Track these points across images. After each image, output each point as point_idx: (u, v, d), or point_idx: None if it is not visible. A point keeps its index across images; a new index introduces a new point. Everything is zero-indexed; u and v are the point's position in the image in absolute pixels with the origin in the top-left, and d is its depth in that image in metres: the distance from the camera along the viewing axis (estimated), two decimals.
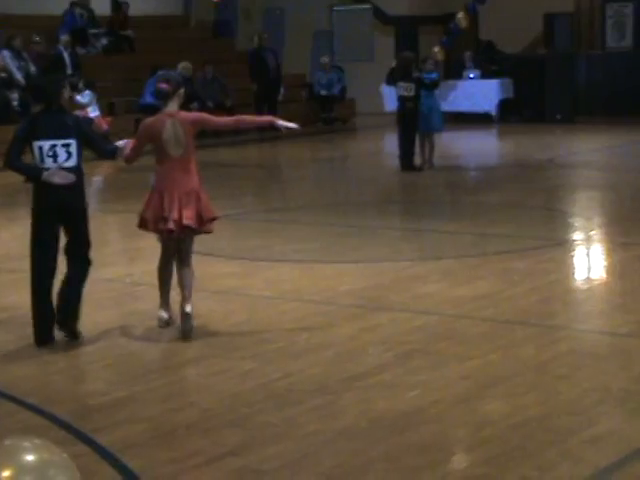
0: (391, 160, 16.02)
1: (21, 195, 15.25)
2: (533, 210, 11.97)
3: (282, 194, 14.63)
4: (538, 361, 6.08)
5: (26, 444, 2.90)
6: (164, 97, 6.85)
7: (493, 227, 10.71)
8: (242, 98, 21.81)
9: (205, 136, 20.13)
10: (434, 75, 15.77)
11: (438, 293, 7.83)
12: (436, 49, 22.80)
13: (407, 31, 25.04)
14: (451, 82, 23.06)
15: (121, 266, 9.41)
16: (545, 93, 22.36)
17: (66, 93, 6.73)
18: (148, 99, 21.26)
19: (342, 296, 7.80)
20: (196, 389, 5.92)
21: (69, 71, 20.87)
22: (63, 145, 6.51)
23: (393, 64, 16.28)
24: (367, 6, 25.92)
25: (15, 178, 16.64)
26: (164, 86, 6.84)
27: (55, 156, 6.50)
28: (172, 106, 6.84)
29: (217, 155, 18.38)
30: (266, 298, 7.82)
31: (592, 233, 10.49)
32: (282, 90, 22.42)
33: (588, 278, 8.67)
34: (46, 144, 6.49)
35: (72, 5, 22.58)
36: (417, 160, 15.45)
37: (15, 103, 19.38)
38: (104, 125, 20.25)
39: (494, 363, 6.07)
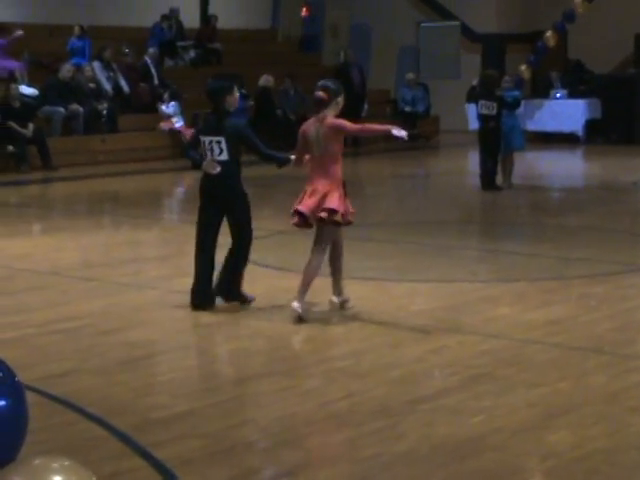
0: (473, 179, 15.85)
1: (107, 203, 15.50)
2: (616, 234, 11.70)
3: (360, 210, 14.31)
4: (609, 391, 5.89)
5: (54, 465, 2.86)
6: (319, 104, 7.39)
7: (573, 250, 10.49)
8: None
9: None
10: (516, 93, 15.56)
11: (510, 316, 7.67)
12: (523, 67, 22.59)
13: (494, 49, 24.83)
14: (537, 101, 22.79)
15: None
16: (634, 114, 21.94)
17: (230, 99, 7.68)
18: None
19: (412, 316, 7.69)
20: (257, 406, 5.87)
21: (155, 82, 21.16)
22: (217, 142, 7.63)
23: (474, 82, 16.13)
24: (455, 23, 25.77)
25: (105, 187, 16.94)
26: (320, 94, 7.38)
27: (212, 150, 7.66)
28: (327, 112, 7.36)
29: (299, 169, 18.38)
30: (335, 315, 7.74)
31: None
32: (365, 106, 22.38)
33: None
34: (207, 139, 7.68)
35: (162, 18, 22.88)
36: (499, 180, 15.27)
37: (104, 113, 19.69)
38: (188, 136, 20.46)
39: (562, 391, 5.90)
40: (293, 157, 7.81)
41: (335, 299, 7.78)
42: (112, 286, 8.88)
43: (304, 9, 26.27)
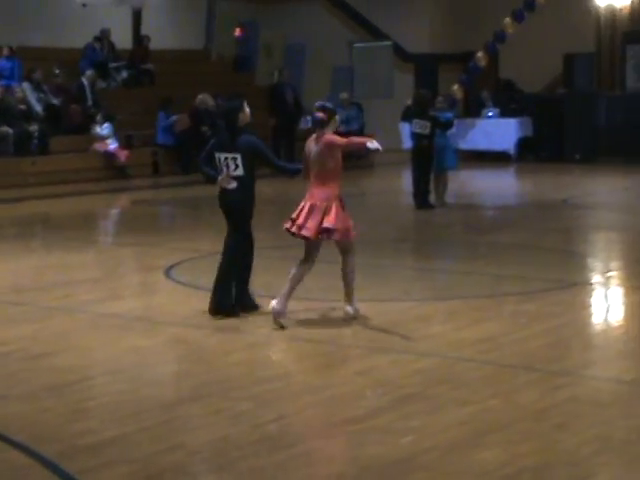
0: (407, 197, 15.93)
1: (38, 226, 15.30)
2: (547, 251, 11.83)
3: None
4: (538, 408, 5.94)
5: None
6: (318, 124, 7.83)
7: (505, 268, 10.58)
8: (260, 132, 21.79)
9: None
10: (449, 115, 15.72)
11: (442, 335, 7.71)
12: (455, 87, 22.85)
13: (427, 69, 25.06)
14: (470, 120, 23.03)
15: (128, 300, 9.34)
16: (564, 133, 22.26)
17: (242, 116, 8.05)
18: (160, 138, 21.36)
19: (345, 336, 7.69)
20: (187, 430, 5.81)
21: (89, 104, 20.99)
22: (232, 158, 7.98)
23: (409, 101, 16.24)
24: (387, 43, 25.97)
25: (36, 210, 16.70)
26: (320, 115, 7.80)
27: (227, 166, 8.00)
28: (325, 131, 7.78)
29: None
30: (267, 337, 7.71)
31: (605, 276, 10.35)
32: (307, 119, 22.24)
33: (597, 322, 8.54)
34: (222, 156, 8.03)
35: (94, 39, 22.72)
36: (432, 198, 15.38)
37: (35, 134, 19.47)
38: (122, 157, 20.33)
39: (493, 409, 5.93)
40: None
41: (350, 309, 8.06)
42: (42, 310, 8.76)
43: (238, 29, 26.27)
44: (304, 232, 7.80)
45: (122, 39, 23.44)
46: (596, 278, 10.31)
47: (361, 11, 26.36)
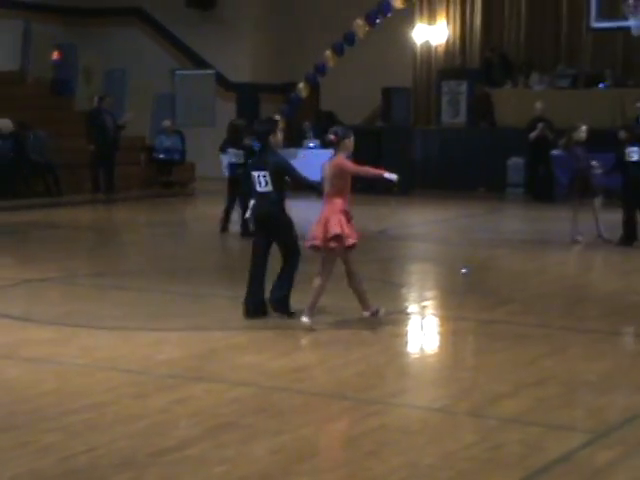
0: (229, 225, 15.90)
1: None
2: (365, 281, 11.98)
3: (111, 258, 14.27)
4: (349, 436, 6.02)
5: None
6: (331, 145, 8.78)
7: (323, 297, 10.66)
8: (80, 158, 21.44)
9: (31, 196, 19.74)
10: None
11: (257, 364, 7.72)
12: (276, 117, 23.01)
13: (248, 98, 25.23)
14: (292, 150, 23.25)
15: None
16: (382, 165, 22.71)
17: (273, 138, 9.05)
18: None
19: (158, 365, 7.61)
20: None
21: None
22: (263, 175, 8.95)
23: None
24: (210, 71, 26.02)
25: None
26: (330, 137, 8.75)
27: (259, 182, 8.97)
28: (339, 153, 8.73)
29: (50, 216, 17.97)
30: (79, 366, 7.55)
31: (418, 305, 10.60)
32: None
33: (410, 351, 8.74)
34: (256, 174, 9.01)
35: None
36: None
37: None
38: None
39: (305, 438, 5.98)
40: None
41: (366, 314, 9.01)
42: None
43: (55, 52, 25.73)
44: (310, 242, 8.87)
45: None
46: (411, 307, 10.55)
47: (184, 39, 26.34)
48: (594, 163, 14.33)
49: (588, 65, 23.40)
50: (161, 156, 23.33)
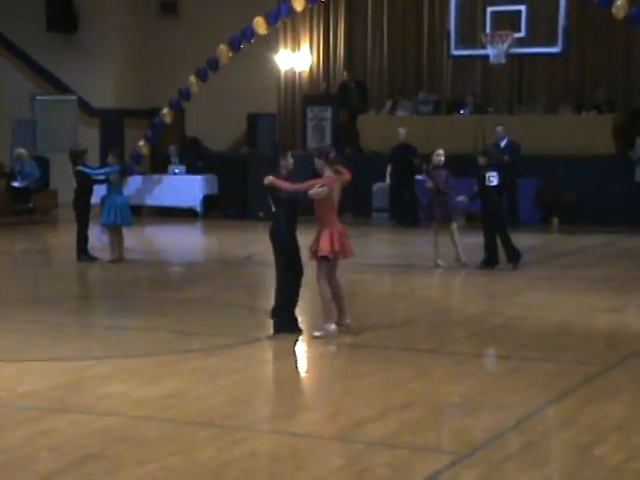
0: (93, 253, 15.64)
1: None
2: (231, 307, 11.98)
3: None
4: (217, 464, 5.96)
5: None
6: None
7: (189, 324, 10.61)
8: None
9: None
10: (107, 169, 15.67)
11: (122, 393, 7.59)
12: (141, 143, 22.89)
13: (112, 124, 24.95)
14: (156, 176, 23.12)
15: None
16: (248, 191, 22.76)
17: (282, 162, 9.99)
18: None
19: (19, 397, 7.40)
20: None
21: None
22: (270, 198, 9.87)
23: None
24: (72, 97, 25.63)
25: None
26: (315, 160, 10.04)
27: (271, 204, 9.90)
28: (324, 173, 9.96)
29: None
30: None
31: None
32: None
33: (278, 377, 8.72)
34: (269, 197, 9.92)
35: None
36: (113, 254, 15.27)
37: None
38: None
39: (172, 467, 5.90)
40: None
41: (347, 322, 9.95)
42: None
43: None
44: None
45: None
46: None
47: (45, 64, 25.86)
48: (461, 198, 14.53)
49: (449, 92, 23.94)
50: (15, 184, 22.77)
